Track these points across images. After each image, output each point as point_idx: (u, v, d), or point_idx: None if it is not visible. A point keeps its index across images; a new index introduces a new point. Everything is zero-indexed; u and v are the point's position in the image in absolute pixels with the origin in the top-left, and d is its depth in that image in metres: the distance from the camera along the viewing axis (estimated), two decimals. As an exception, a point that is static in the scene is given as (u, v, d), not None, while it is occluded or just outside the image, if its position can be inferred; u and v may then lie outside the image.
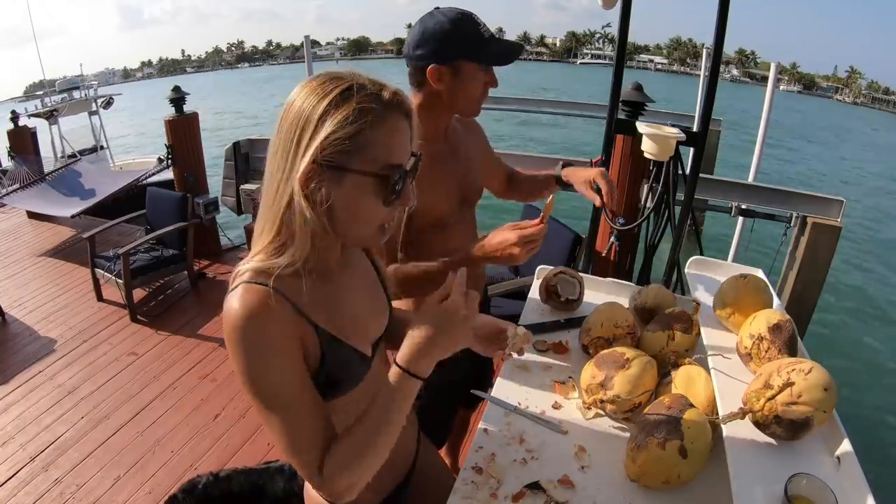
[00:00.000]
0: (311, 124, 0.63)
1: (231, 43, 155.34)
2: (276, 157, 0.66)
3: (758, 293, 1.08)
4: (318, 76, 0.67)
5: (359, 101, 0.63)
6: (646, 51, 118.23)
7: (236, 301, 0.65)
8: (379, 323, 0.85)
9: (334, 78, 0.66)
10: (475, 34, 1.09)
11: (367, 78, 0.67)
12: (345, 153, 0.63)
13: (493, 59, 1.11)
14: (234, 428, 2.41)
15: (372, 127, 0.64)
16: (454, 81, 1.11)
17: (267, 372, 0.65)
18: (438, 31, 1.08)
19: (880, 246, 9.94)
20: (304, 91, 0.66)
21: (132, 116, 28.48)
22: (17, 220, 5.33)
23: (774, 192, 2.74)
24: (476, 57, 1.10)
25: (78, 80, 11.10)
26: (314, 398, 0.70)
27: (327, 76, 0.66)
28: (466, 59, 1.09)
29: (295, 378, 0.67)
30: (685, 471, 0.84)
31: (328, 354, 0.72)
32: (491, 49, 1.10)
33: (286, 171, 0.65)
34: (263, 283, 0.65)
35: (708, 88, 1.91)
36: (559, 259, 2.45)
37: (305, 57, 4.52)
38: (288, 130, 0.65)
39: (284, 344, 0.66)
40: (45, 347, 3.12)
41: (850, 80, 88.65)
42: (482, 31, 1.10)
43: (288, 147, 0.64)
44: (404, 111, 0.68)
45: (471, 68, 1.11)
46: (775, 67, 3.58)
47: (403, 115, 0.68)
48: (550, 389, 1.12)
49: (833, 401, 0.80)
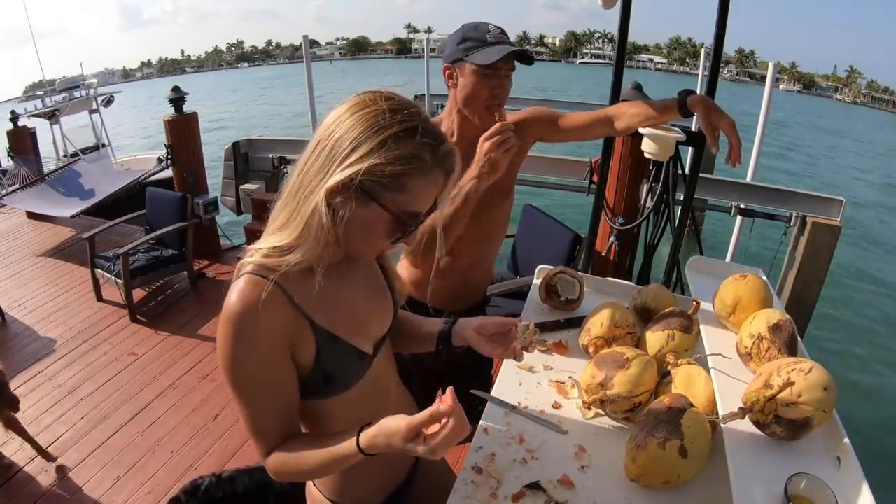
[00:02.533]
0: (363, 147, 0.64)
1: (231, 43, 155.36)
2: (317, 157, 0.67)
3: (758, 293, 1.08)
4: (391, 97, 0.68)
5: (418, 146, 0.65)
6: (645, 50, 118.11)
7: (236, 291, 0.68)
8: (381, 324, 0.85)
9: (404, 108, 0.66)
10: (477, 37, 1.16)
11: (433, 124, 0.68)
12: (381, 185, 0.65)
13: (484, 56, 1.14)
14: (235, 428, 2.41)
15: (417, 175, 0.66)
16: (460, 81, 1.20)
17: (245, 362, 0.68)
18: (452, 36, 1.19)
19: (880, 246, 9.95)
20: (371, 109, 0.65)
21: (135, 114, 28.51)
22: (17, 220, 5.33)
23: (774, 192, 2.74)
24: (471, 57, 1.15)
25: (78, 80, 11.10)
26: (286, 394, 0.73)
27: (400, 103, 0.67)
28: (464, 58, 1.16)
29: (271, 374, 0.70)
30: (685, 471, 0.84)
31: (324, 351, 0.73)
32: (485, 50, 1.14)
33: (322, 175, 0.66)
34: (265, 276, 0.68)
35: (708, 88, 1.91)
36: (559, 259, 2.45)
37: (304, 57, 4.52)
38: (339, 140, 0.65)
39: (269, 339, 0.68)
40: (45, 347, 3.13)
41: (849, 79, 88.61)
42: (487, 35, 1.15)
43: (333, 154, 0.65)
44: (449, 168, 0.70)
45: (469, 68, 1.17)
46: (774, 67, 3.58)
47: (447, 172, 0.70)
48: (550, 389, 1.12)
49: (833, 400, 0.80)
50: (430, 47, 7.34)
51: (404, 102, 0.68)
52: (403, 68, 12.48)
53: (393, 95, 0.69)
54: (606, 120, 1.37)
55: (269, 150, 4.15)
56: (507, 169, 1.36)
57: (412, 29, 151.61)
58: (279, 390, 0.72)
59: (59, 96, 10.18)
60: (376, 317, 0.84)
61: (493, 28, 1.18)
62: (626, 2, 1.88)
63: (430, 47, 7.34)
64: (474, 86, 1.17)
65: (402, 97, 0.69)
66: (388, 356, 0.91)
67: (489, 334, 0.89)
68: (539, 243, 2.65)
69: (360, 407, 0.81)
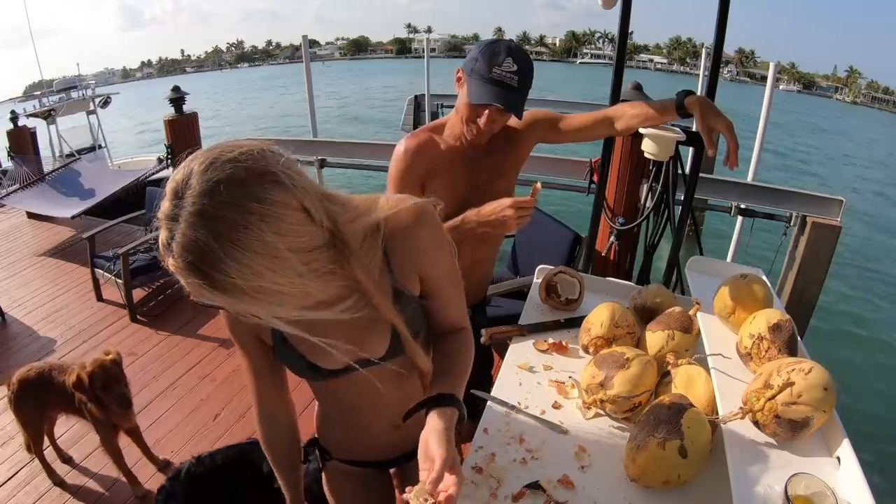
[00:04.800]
0: None
1: (231, 43, 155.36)
2: None
3: (758, 293, 1.08)
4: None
5: None
6: (645, 50, 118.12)
7: None
8: (354, 353, 0.72)
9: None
10: (485, 64, 1.14)
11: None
12: None
13: (475, 92, 1.15)
14: (234, 428, 2.41)
15: None
16: (462, 89, 1.21)
17: (228, 327, 0.84)
18: (479, 43, 1.19)
19: (881, 245, 9.95)
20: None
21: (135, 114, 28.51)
22: (16, 221, 5.33)
23: (774, 192, 2.73)
24: (470, 79, 1.17)
25: (76, 80, 11.10)
26: (258, 354, 0.85)
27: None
28: (469, 74, 1.18)
29: (245, 342, 0.84)
30: (685, 471, 0.84)
31: (277, 348, 0.81)
32: (481, 84, 1.14)
33: None
34: None
35: (708, 88, 1.91)
36: (559, 259, 2.45)
37: (304, 57, 4.52)
38: None
39: (238, 320, 0.75)
40: (45, 347, 3.12)
41: (849, 79, 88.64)
42: (494, 70, 1.13)
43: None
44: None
45: (466, 86, 1.18)
46: (774, 67, 3.58)
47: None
48: (550, 389, 1.12)
49: (833, 401, 0.80)
50: (430, 47, 7.34)
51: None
52: (403, 67, 12.43)
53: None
54: (606, 121, 1.37)
55: (269, 150, 4.14)
56: (509, 170, 1.37)
57: (412, 29, 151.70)
58: (252, 352, 0.85)
59: (56, 97, 10.17)
60: (346, 344, 0.71)
61: (507, 64, 1.13)
62: (626, 2, 1.88)
63: (430, 47, 7.34)
64: (464, 103, 1.20)
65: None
66: (388, 374, 0.81)
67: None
68: (539, 243, 2.65)
69: (337, 393, 0.90)
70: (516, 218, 1.18)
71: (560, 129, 1.37)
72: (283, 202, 0.54)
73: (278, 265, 0.54)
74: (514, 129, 1.33)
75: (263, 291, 0.54)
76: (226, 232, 0.51)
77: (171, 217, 0.54)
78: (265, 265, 0.53)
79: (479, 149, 1.29)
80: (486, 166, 1.30)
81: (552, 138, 1.39)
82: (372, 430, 0.94)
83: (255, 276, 0.53)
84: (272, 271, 0.53)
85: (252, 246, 0.52)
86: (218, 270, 0.52)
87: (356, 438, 0.97)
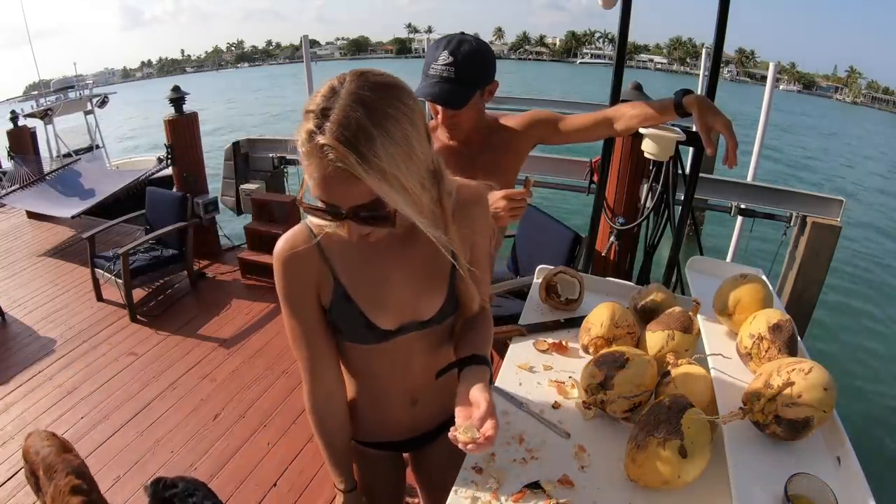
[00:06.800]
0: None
1: (231, 43, 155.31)
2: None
3: (758, 293, 1.08)
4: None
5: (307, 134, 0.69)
6: (646, 50, 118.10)
7: (284, 234, 0.81)
8: (412, 309, 0.85)
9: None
10: (426, 63, 1.18)
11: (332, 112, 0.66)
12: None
13: (418, 87, 1.18)
14: (234, 428, 2.42)
15: (304, 159, 0.70)
16: None
17: (284, 289, 0.82)
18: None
19: (881, 245, 9.95)
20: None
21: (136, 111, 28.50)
22: (16, 221, 5.33)
23: (774, 192, 2.74)
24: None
25: (73, 80, 11.08)
26: (314, 320, 0.84)
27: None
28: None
29: (300, 303, 0.83)
30: (685, 471, 0.84)
31: (336, 304, 0.83)
32: (421, 81, 1.18)
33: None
34: (311, 228, 0.79)
35: (708, 88, 1.91)
36: (559, 259, 2.45)
37: (304, 57, 4.52)
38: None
39: (298, 277, 0.81)
40: (45, 347, 3.13)
41: (849, 79, 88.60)
42: (431, 66, 1.17)
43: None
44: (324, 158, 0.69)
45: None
46: (774, 67, 3.59)
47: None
48: (550, 389, 1.12)
49: (833, 401, 0.80)
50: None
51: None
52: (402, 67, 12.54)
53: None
54: (606, 121, 1.37)
55: (270, 150, 4.15)
56: (505, 169, 1.37)
57: (412, 29, 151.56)
58: (308, 315, 0.84)
59: (53, 97, 10.14)
60: (406, 301, 0.84)
61: (442, 57, 1.15)
62: (626, 2, 1.88)
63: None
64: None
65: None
66: (424, 343, 0.90)
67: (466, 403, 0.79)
68: (539, 243, 2.65)
69: (371, 363, 0.91)
70: (509, 210, 1.17)
71: (560, 129, 1.37)
72: (421, 113, 0.66)
73: (411, 165, 0.63)
74: (511, 129, 1.33)
75: (399, 183, 0.62)
76: (378, 118, 0.60)
77: (325, 106, 0.61)
78: (403, 159, 0.61)
79: (473, 147, 1.29)
80: (481, 164, 1.29)
81: (552, 139, 1.38)
82: (393, 406, 0.97)
83: (395, 166, 0.61)
84: (406, 168, 0.62)
85: (396, 137, 0.61)
86: (370, 149, 0.59)
87: (375, 416, 1.00)
